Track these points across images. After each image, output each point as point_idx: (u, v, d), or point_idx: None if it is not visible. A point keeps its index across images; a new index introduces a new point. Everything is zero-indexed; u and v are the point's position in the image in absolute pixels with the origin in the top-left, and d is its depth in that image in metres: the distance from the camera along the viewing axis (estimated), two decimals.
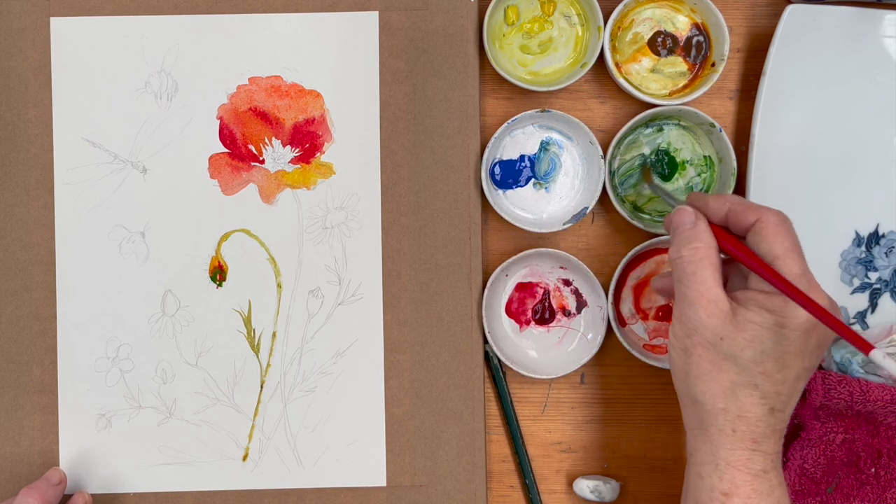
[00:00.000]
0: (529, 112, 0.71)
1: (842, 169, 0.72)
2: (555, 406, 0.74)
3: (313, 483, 0.72)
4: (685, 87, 0.73)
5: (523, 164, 0.73)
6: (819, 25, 0.70)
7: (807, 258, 0.71)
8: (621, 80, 0.71)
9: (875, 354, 0.52)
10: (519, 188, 0.73)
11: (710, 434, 0.58)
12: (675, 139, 0.73)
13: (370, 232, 0.72)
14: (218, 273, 0.72)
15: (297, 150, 0.72)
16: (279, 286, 0.72)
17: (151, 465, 0.72)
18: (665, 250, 0.73)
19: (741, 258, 0.58)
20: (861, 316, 0.71)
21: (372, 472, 0.72)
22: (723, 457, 0.58)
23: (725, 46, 0.71)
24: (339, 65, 0.72)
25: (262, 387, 0.72)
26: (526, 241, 0.74)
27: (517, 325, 0.73)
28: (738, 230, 0.59)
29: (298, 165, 0.72)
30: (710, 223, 0.60)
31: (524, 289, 0.73)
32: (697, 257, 0.58)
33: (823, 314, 0.54)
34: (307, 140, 0.72)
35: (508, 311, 0.73)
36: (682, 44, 0.73)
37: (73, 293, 0.72)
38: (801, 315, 0.56)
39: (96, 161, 0.72)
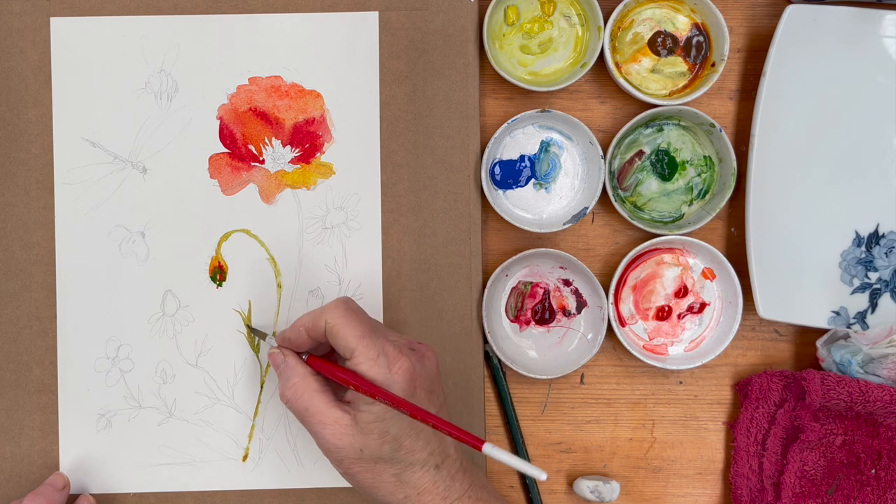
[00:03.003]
0: (529, 112, 0.71)
1: (842, 169, 0.72)
2: (555, 406, 0.74)
3: (313, 483, 0.72)
4: (685, 87, 0.73)
5: (523, 165, 0.73)
6: (819, 25, 0.70)
7: (807, 258, 0.72)
8: (621, 80, 0.71)
9: (486, 448, 0.57)
10: (519, 188, 0.73)
11: None
12: (675, 139, 0.73)
13: (370, 232, 0.72)
14: (218, 273, 0.72)
15: (297, 150, 0.72)
16: (279, 286, 0.72)
17: (151, 465, 0.72)
18: (665, 250, 0.73)
19: (336, 378, 0.63)
20: (861, 316, 0.71)
21: None
22: None
23: (725, 46, 0.71)
24: (339, 65, 0.72)
25: (262, 387, 0.72)
26: (526, 241, 0.74)
27: (517, 325, 0.73)
28: (325, 339, 0.64)
29: (298, 165, 0.72)
30: (309, 353, 0.65)
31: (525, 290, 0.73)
32: (299, 392, 0.63)
33: (397, 404, 0.60)
34: (307, 140, 0.72)
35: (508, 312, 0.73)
36: (682, 44, 0.73)
37: (73, 293, 0.72)
38: (396, 384, 0.61)
39: (96, 161, 0.72)
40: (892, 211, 0.71)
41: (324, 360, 0.65)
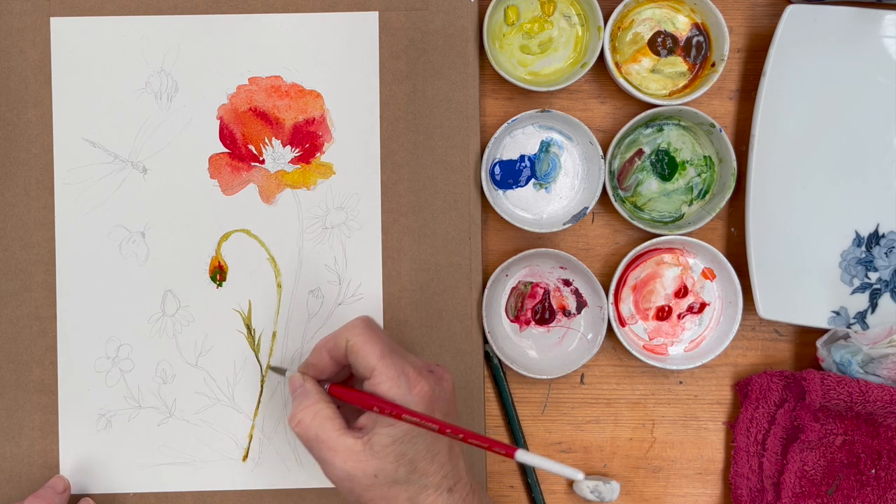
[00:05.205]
0: (529, 112, 0.71)
1: (842, 169, 0.72)
2: (555, 406, 0.74)
3: (313, 483, 0.72)
4: (685, 87, 0.73)
5: (523, 165, 0.73)
6: (819, 25, 0.70)
7: (807, 258, 0.72)
8: (621, 80, 0.71)
9: (519, 455, 0.57)
10: (519, 188, 0.73)
11: None
12: (675, 139, 0.73)
13: (370, 232, 0.72)
14: (218, 273, 0.72)
15: (297, 150, 0.72)
16: (279, 286, 0.72)
17: (151, 465, 0.72)
18: (665, 250, 0.73)
19: (353, 402, 0.62)
20: (861, 316, 0.71)
21: None
22: None
23: (725, 46, 0.71)
24: (339, 65, 0.72)
25: (262, 387, 0.72)
26: (526, 241, 0.74)
27: (517, 325, 0.73)
28: (346, 361, 0.63)
29: (298, 165, 0.72)
30: (330, 381, 0.65)
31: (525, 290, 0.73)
32: (310, 416, 0.61)
33: (425, 421, 0.59)
34: (307, 140, 0.72)
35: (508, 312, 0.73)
36: (682, 44, 0.73)
37: (73, 293, 0.72)
38: (415, 406, 0.60)
39: (96, 161, 0.72)
40: (892, 211, 0.71)
41: (346, 386, 0.64)
